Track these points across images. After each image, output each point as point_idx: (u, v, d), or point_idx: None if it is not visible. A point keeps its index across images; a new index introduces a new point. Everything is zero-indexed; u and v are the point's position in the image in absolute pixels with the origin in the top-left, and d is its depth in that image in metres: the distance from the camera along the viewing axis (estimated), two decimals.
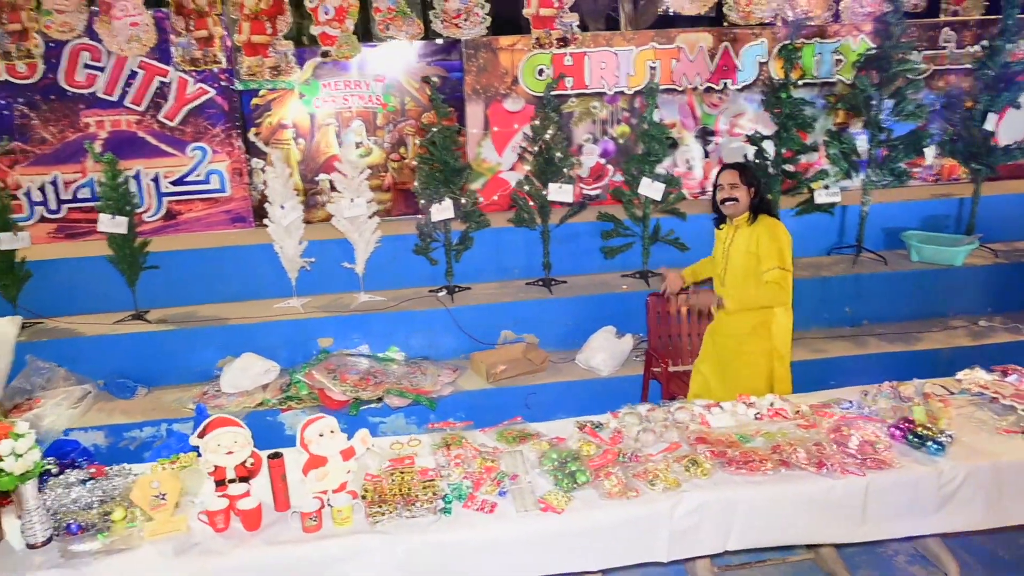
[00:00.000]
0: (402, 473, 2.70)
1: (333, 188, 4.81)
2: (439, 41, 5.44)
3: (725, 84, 5.88)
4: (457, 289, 5.08)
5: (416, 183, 4.82)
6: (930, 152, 5.20)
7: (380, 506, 2.54)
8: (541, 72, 5.64)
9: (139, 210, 5.43)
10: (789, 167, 5.14)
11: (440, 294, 5.05)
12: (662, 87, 5.81)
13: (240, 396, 4.51)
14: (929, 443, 2.85)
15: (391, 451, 2.97)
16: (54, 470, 2.79)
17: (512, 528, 2.52)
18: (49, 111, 5.35)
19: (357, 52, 5.28)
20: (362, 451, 2.75)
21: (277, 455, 2.63)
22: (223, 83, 5.40)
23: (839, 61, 5.97)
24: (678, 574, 3.47)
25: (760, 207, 3.60)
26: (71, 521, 2.50)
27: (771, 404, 3.27)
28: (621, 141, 5.84)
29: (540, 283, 5.19)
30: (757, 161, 5.16)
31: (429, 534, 2.48)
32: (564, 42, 5.39)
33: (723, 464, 2.77)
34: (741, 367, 3.70)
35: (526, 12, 5.33)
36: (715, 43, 5.82)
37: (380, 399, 4.37)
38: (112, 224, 4.52)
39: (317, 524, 2.49)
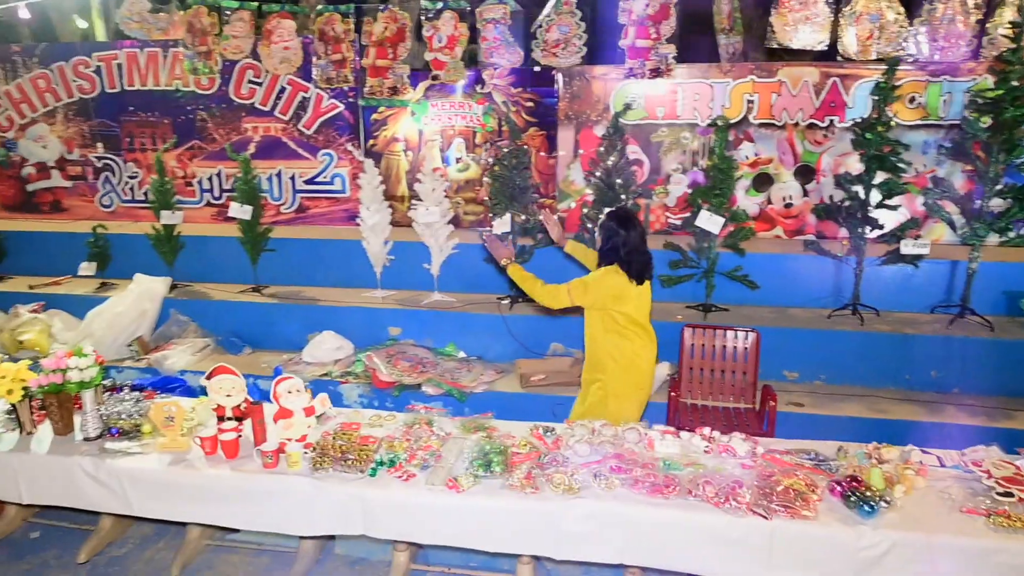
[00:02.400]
0: (346, 435, 3.31)
1: (417, 197, 5.55)
2: (536, 69, 6.00)
3: (831, 121, 5.76)
4: (520, 300, 5.59)
5: (486, 197, 5.41)
6: None
7: (321, 458, 3.17)
8: (632, 101, 5.98)
9: (277, 203, 6.65)
10: (875, 213, 4.98)
11: (504, 302, 5.59)
12: (760, 121, 5.86)
13: (315, 365, 5.40)
14: (862, 504, 2.87)
15: (355, 417, 3.61)
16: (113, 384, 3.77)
17: (417, 495, 3.02)
18: (220, 117, 6.78)
19: (463, 77, 6.02)
20: (321, 411, 3.42)
21: (258, 403, 3.37)
22: (350, 99, 6.45)
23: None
24: None
25: (607, 256, 3.71)
26: (113, 426, 3.43)
27: (726, 441, 3.41)
28: (711, 173, 5.97)
29: None
30: (847, 203, 5.06)
31: (350, 487, 3.06)
32: (657, 73, 5.68)
33: (631, 483, 3.04)
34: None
35: (622, 43, 5.69)
36: (822, 78, 5.74)
37: (420, 386, 5.02)
38: (240, 211, 5.66)
39: (273, 463, 3.18)
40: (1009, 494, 2.95)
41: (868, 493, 2.92)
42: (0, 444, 3.38)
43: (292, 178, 6.79)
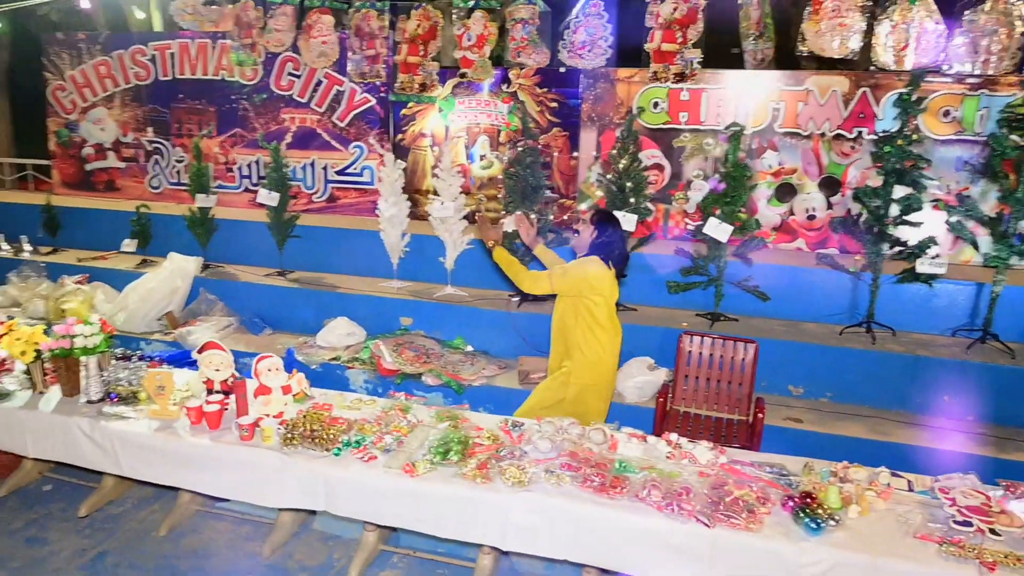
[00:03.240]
0: (317, 415, 3.50)
1: (435, 192, 5.74)
2: (562, 69, 6.09)
3: (860, 133, 5.64)
4: (531, 298, 5.69)
5: (501, 196, 5.55)
6: None
7: (292, 435, 3.37)
8: (656, 105, 5.99)
9: (310, 191, 6.95)
10: (896, 229, 4.87)
11: (513, 299, 5.71)
12: (785, 130, 5.79)
13: (327, 350, 5.65)
14: (809, 521, 2.88)
15: (336, 399, 3.80)
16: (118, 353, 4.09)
17: (374, 477, 3.19)
18: (261, 107, 7.14)
19: (489, 76, 6.17)
20: (297, 389, 3.64)
21: (243, 379, 3.60)
22: (382, 94, 6.68)
23: None
24: None
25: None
26: (113, 391, 3.73)
27: (691, 448, 3.45)
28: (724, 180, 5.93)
29: None
30: (865, 216, 4.97)
31: (315, 464, 3.26)
32: (681, 77, 5.69)
33: (580, 480, 3.13)
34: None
35: (648, 47, 5.73)
36: (852, 88, 5.63)
37: (421, 375, 5.19)
38: (267, 198, 5.96)
39: (249, 436, 3.41)
40: (968, 523, 2.91)
41: (819, 510, 2.93)
42: (14, 400, 3.74)
43: (324, 168, 7.09)
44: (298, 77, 6.95)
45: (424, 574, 3.65)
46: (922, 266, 4.81)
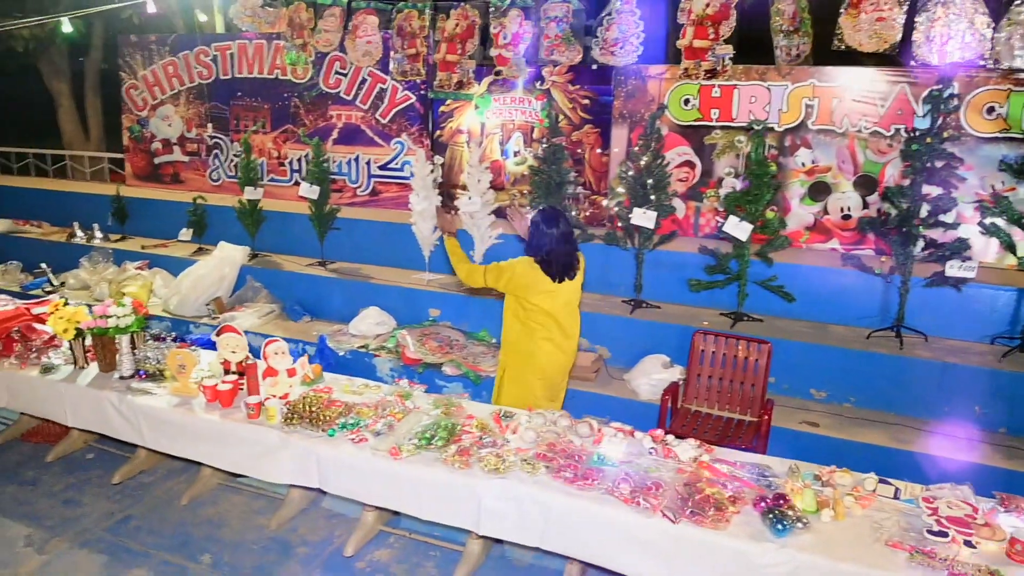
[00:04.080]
0: (316, 397, 3.73)
1: (464, 187, 5.92)
2: (594, 67, 6.13)
3: (898, 130, 5.46)
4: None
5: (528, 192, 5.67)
6: None
7: (292, 416, 3.62)
8: (687, 102, 5.97)
9: (355, 186, 7.26)
10: (922, 229, 4.72)
11: None
12: (819, 127, 5.66)
13: (358, 338, 5.92)
14: (776, 522, 2.91)
15: (343, 384, 4.04)
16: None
17: (362, 458, 3.40)
18: (311, 104, 7.50)
19: (524, 73, 6.28)
20: (301, 373, 3.88)
21: (254, 361, 3.87)
22: (422, 92, 6.90)
23: None
24: None
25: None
26: (141, 369, 4.08)
27: (675, 446, 3.50)
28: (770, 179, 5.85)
29: (631, 303, 5.62)
30: (891, 214, 4.84)
31: (310, 443, 3.49)
32: (712, 74, 5.65)
33: (554, 471, 3.24)
34: None
35: (680, 43, 5.69)
36: (889, 84, 5.45)
37: (441, 365, 5.39)
38: (308, 191, 6.28)
39: (255, 414, 3.68)
40: (944, 534, 2.87)
41: (789, 512, 2.95)
42: (58, 373, 4.14)
43: (368, 163, 7.38)
44: (345, 75, 7.27)
45: (417, 555, 3.84)
46: (951, 269, 4.64)
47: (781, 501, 3.02)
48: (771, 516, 2.94)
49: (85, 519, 4.00)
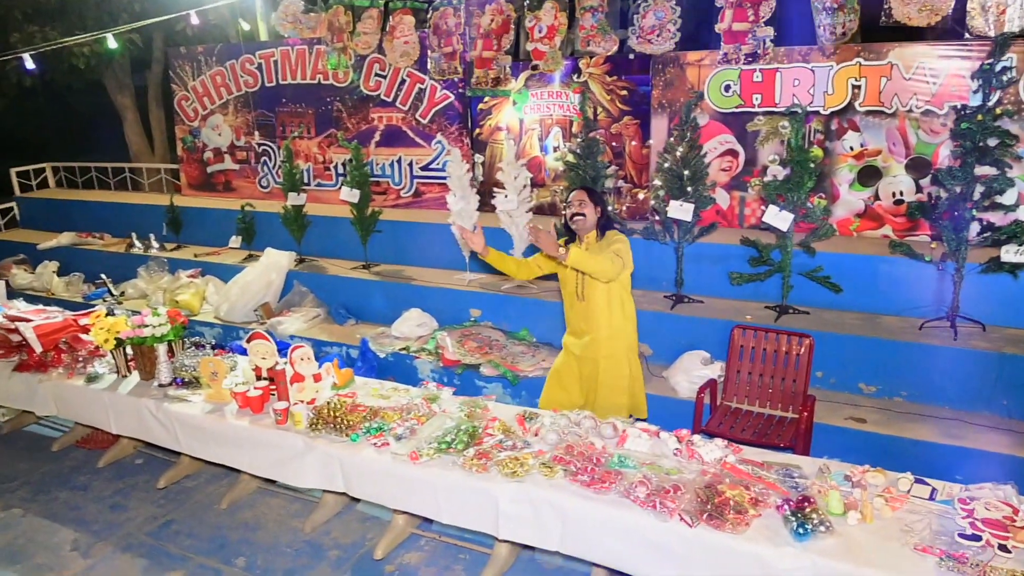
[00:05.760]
0: (341, 402, 3.85)
1: (499, 184, 5.97)
2: (631, 56, 6.08)
3: (952, 108, 5.17)
4: None
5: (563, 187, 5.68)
6: None
7: (317, 421, 3.76)
8: (728, 88, 5.84)
9: (398, 187, 7.41)
10: (975, 212, 4.51)
11: None
12: (867, 108, 5.45)
13: (400, 340, 6.06)
14: (798, 526, 2.87)
15: (372, 388, 4.15)
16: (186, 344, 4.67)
17: (383, 462, 3.50)
18: (352, 107, 7.70)
19: (560, 66, 6.28)
20: (327, 378, 4.01)
21: (283, 368, 4.03)
22: (460, 90, 6.99)
23: None
24: None
25: (606, 225, 4.01)
26: (179, 376, 4.31)
27: (700, 446, 3.47)
28: (812, 165, 5.66)
29: (672, 298, 5.56)
30: (942, 197, 4.63)
31: (333, 448, 3.63)
32: (753, 58, 5.52)
33: (571, 474, 3.26)
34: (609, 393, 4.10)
35: (718, 27, 5.60)
36: (942, 59, 5.19)
37: (479, 366, 5.46)
38: (349, 195, 6.46)
39: (282, 420, 3.84)
40: (977, 537, 2.77)
41: (813, 515, 2.90)
42: (102, 382, 4.42)
43: (410, 164, 7.53)
44: (384, 77, 7.42)
45: (447, 558, 3.92)
46: (1007, 254, 4.42)
47: (805, 503, 2.97)
48: (792, 519, 2.89)
49: (129, 523, 4.25)
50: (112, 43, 8.04)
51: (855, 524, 2.89)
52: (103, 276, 7.62)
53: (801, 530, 2.82)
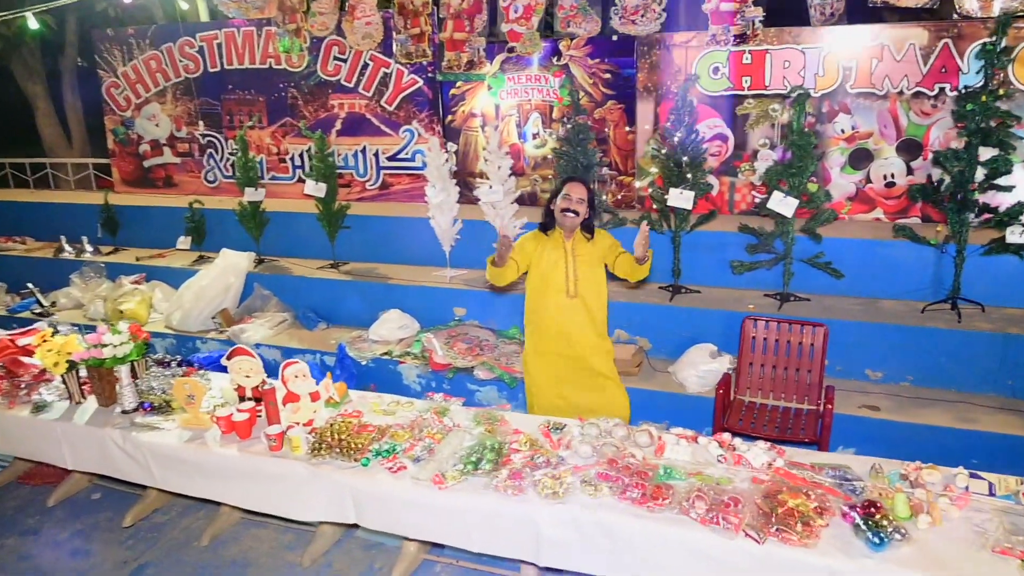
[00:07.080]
0: (345, 423, 3.47)
1: (482, 175, 5.64)
2: (614, 38, 5.83)
3: (942, 89, 5.17)
4: None
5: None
6: None
7: (320, 445, 3.36)
8: (716, 70, 5.67)
9: (363, 179, 6.97)
10: (977, 194, 4.46)
11: None
12: (858, 90, 5.37)
13: (380, 344, 5.67)
14: (872, 535, 2.67)
15: (372, 402, 3.78)
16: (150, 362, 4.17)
17: (402, 489, 3.14)
18: (309, 94, 7.19)
19: (538, 48, 5.97)
20: (326, 396, 3.62)
21: (271, 386, 3.61)
22: (429, 74, 6.61)
23: None
24: None
25: (590, 224, 3.93)
26: (145, 401, 3.82)
27: (745, 451, 3.27)
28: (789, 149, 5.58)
29: (670, 289, 5.36)
30: (944, 179, 4.57)
31: (343, 476, 3.24)
32: (742, 39, 5.35)
33: (619, 491, 2.99)
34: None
35: (705, 8, 5.40)
36: (931, 40, 5.15)
37: (473, 369, 5.14)
38: (314, 189, 6.00)
39: (277, 446, 3.41)
40: None
41: (884, 522, 2.71)
42: (51, 411, 3.86)
43: (376, 154, 7.09)
44: (344, 61, 6.95)
45: None
46: (1012, 235, 4.38)
47: (872, 509, 2.78)
48: (864, 528, 2.69)
49: (96, 571, 3.73)
50: (33, 23, 7.24)
51: (926, 528, 2.72)
52: (29, 285, 6.86)
53: (876, 539, 2.63)
